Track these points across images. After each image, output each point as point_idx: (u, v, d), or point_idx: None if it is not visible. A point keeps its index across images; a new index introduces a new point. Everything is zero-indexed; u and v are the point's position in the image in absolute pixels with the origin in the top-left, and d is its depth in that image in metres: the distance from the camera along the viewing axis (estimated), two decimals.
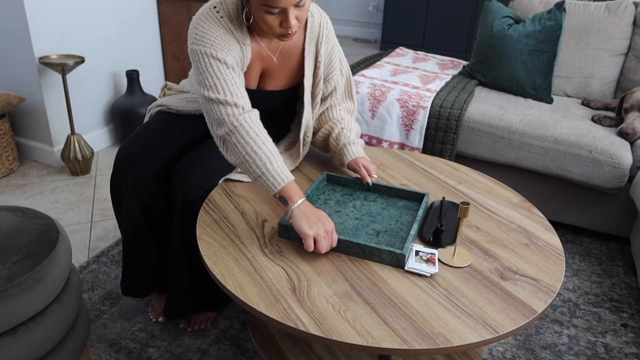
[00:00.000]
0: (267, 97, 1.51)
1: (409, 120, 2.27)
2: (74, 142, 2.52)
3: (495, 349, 1.63)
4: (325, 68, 1.50)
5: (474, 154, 2.26)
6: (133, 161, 1.46)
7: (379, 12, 5.66)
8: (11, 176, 2.57)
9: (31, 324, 1.15)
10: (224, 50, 1.29)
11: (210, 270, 1.12)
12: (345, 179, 1.46)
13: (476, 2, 4.56)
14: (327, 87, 1.53)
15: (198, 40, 1.29)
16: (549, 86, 2.41)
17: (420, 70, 2.70)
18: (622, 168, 1.99)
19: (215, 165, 1.44)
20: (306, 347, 1.42)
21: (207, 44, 1.28)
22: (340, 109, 1.59)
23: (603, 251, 2.18)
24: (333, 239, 1.16)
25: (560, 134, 2.09)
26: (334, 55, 1.51)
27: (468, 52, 4.71)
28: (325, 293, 1.06)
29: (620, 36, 2.47)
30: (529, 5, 2.66)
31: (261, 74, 1.48)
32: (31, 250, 1.17)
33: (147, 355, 1.54)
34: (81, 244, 2.06)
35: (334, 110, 1.58)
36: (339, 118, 1.57)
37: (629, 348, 1.67)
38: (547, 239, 1.28)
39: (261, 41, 1.40)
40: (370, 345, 0.94)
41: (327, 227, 1.16)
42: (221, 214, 1.32)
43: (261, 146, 1.24)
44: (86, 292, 1.78)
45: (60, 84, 2.57)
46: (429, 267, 1.14)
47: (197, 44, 1.29)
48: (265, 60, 1.44)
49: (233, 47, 1.32)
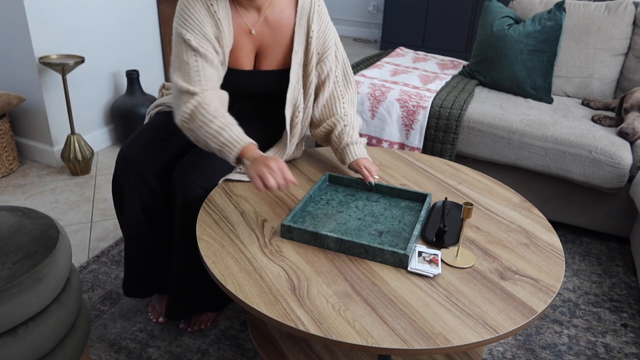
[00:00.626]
0: (263, 77, 1.51)
1: (409, 120, 2.27)
2: (74, 142, 2.52)
3: (495, 349, 1.63)
4: (319, 46, 1.49)
5: (474, 154, 2.26)
6: (134, 162, 1.46)
7: (379, 12, 5.66)
8: (11, 176, 2.57)
9: (31, 324, 1.15)
10: (198, 31, 1.34)
11: (210, 270, 1.12)
12: (347, 180, 1.46)
13: (476, 2, 4.56)
14: (322, 69, 1.51)
15: (178, 17, 1.37)
16: (549, 86, 2.41)
17: (420, 70, 2.70)
18: (622, 168, 1.99)
19: (215, 165, 1.45)
20: (306, 347, 1.42)
21: (184, 23, 1.35)
22: (344, 101, 1.56)
23: (603, 251, 2.18)
24: (286, 176, 1.20)
25: (560, 134, 2.09)
26: (329, 35, 1.49)
27: (468, 52, 4.71)
28: (325, 293, 1.06)
29: (620, 36, 2.47)
30: (529, 5, 2.66)
31: (256, 54, 1.49)
32: (31, 250, 1.17)
33: (147, 355, 1.54)
34: (81, 244, 2.06)
35: (338, 104, 1.55)
36: (342, 114, 1.54)
37: (629, 348, 1.67)
38: (547, 239, 1.29)
39: (241, 13, 1.42)
40: (370, 345, 0.94)
41: (272, 165, 1.19)
42: (221, 214, 1.32)
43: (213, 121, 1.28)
44: (86, 292, 1.78)
45: (60, 84, 2.57)
46: (431, 267, 1.14)
47: (176, 21, 1.37)
48: (253, 37, 1.45)
49: (208, 26, 1.36)
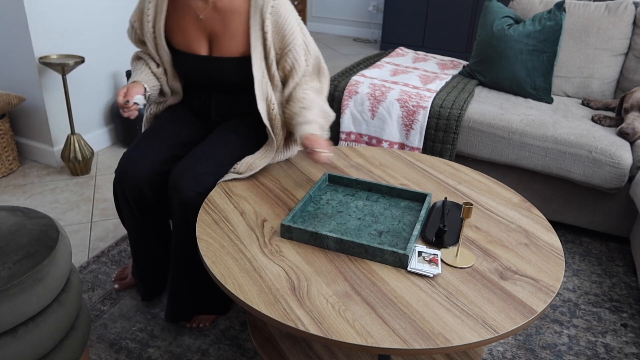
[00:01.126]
0: (218, 64, 1.52)
1: (409, 120, 2.27)
2: (74, 142, 2.52)
3: (495, 349, 1.63)
4: (277, 42, 1.48)
5: (474, 154, 2.26)
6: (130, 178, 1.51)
7: (379, 12, 5.66)
8: (11, 176, 2.57)
9: (31, 324, 1.15)
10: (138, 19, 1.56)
11: (210, 270, 1.12)
12: (347, 180, 1.46)
13: (476, 2, 4.56)
14: (286, 62, 1.50)
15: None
16: (549, 86, 2.41)
17: (420, 70, 2.70)
18: (622, 168, 1.99)
19: (206, 167, 1.46)
20: (306, 347, 1.42)
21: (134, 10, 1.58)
22: (306, 87, 1.54)
23: (603, 251, 2.18)
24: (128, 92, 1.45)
25: (560, 134, 2.09)
26: (287, 29, 1.47)
27: (468, 52, 4.71)
28: (325, 293, 1.06)
29: (620, 36, 2.47)
30: (529, 5, 2.66)
31: (210, 41, 1.52)
32: (31, 250, 1.17)
33: (147, 355, 1.54)
34: (81, 244, 2.06)
35: (299, 90, 1.53)
36: (300, 97, 1.51)
37: (629, 348, 1.67)
38: (547, 239, 1.29)
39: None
40: (370, 345, 0.94)
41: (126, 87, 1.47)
42: (221, 214, 1.32)
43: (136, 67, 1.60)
44: (86, 292, 1.78)
45: (60, 84, 2.57)
46: (431, 267, 1.14)
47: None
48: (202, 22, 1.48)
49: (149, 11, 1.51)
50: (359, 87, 2.38)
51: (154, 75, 1.60)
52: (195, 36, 1.50)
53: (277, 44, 1.48)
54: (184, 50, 1.54)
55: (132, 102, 1.46)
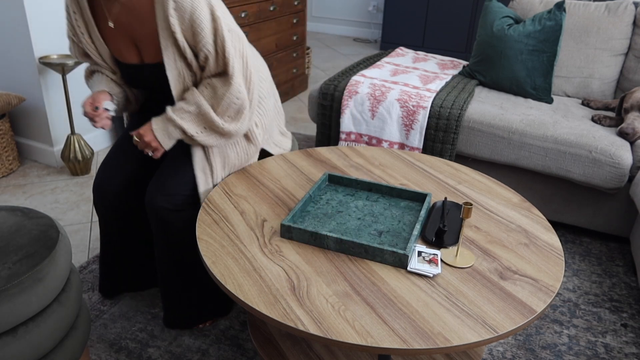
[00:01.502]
0: (151, 71, 1.45)
1: (409, 120, 2.27)
2: (74, 142, 2.52)
3: (495, 349, 1.63)
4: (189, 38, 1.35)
5: (474, 154, 2.26)
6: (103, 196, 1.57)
7: (379, 12, 5.66)
8: (11, 176, 2.57)
9: (31, 324, 1.15)
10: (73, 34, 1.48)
11: (210, 270, 1.12)
12: (347, 179, 1.46)
13: (476, 2, 4.56)
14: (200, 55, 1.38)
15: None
16: (549, 86, 2.41)
17: (420, 70, 2.70)
18: (622, 168, 1.99)
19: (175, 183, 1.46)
20: (306, 347, 1.42)
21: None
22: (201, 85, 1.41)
23: (603, 251, 2.18)
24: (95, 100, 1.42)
25: (560, 134, 2.09)
26: (197, 24, 1.32)
27: (468, 52, 4.71)
28: (324, 293, 1.06)
29: (620, 36, 2.47)
30: (529, 5, 2.66)
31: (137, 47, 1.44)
32: (31, 250, 1.18)
33: (147, 355, 1.54)
34: (81, 244, 2.06)
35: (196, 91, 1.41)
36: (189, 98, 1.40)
37: (629, 348, 1.67)
38: (547, 238, 1.29)
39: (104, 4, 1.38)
40: (370, 345, 0.94)
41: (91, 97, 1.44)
42: (220, 214, 1.32)
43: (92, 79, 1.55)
44: (86, 292, 1.78)
45: (60, 84, 2.57)
46: (431, 267, 1.14)
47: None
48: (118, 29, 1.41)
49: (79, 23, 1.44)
50: (359, 87, 2.38)
51: (115, 82, 1.53)
52: (123, 45, 1.43)
53: (190, 39, 1.36)
54: (120, 60, 1.47)
55: (102, 108, 1.39)
